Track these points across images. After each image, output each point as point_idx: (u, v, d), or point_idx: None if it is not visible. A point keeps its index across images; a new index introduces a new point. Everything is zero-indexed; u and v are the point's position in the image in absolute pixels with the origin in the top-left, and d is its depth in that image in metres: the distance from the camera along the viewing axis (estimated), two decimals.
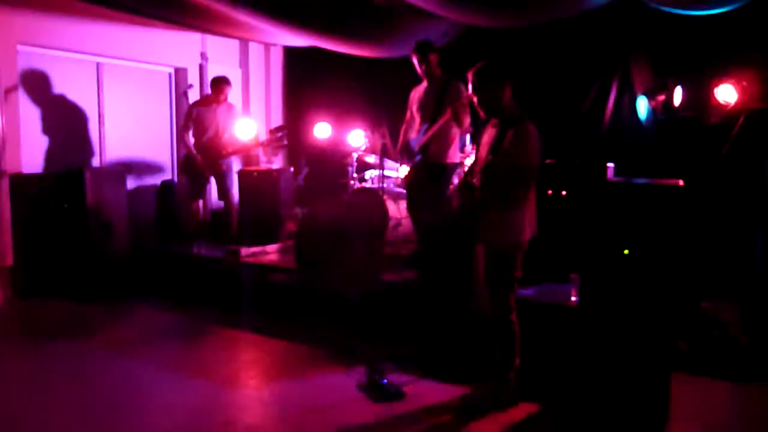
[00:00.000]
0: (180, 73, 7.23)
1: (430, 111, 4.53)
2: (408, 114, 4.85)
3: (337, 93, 7.16)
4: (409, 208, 4.89)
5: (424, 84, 4.68)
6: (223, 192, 6.32)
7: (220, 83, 6.09)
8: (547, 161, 4.70)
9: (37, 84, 6.03)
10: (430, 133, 4.51)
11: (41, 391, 3.59)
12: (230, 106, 6.25)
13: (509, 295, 3.28)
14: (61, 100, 6.27)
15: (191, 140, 6.13)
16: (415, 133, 4.72)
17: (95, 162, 6.58)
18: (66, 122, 6.30)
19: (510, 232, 3.19)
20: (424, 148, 4.56)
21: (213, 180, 6.33)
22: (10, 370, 3.97)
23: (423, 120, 4.62)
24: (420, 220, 4.77)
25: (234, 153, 6.19)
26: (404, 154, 4.83)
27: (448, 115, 4.34)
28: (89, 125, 6.51)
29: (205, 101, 6.23)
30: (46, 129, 6.14)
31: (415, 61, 4.60)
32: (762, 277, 4.10)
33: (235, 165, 6.65)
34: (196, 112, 6.14)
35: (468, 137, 5.21)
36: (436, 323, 4.06)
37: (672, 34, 4.94)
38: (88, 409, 3.34)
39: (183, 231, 6.28)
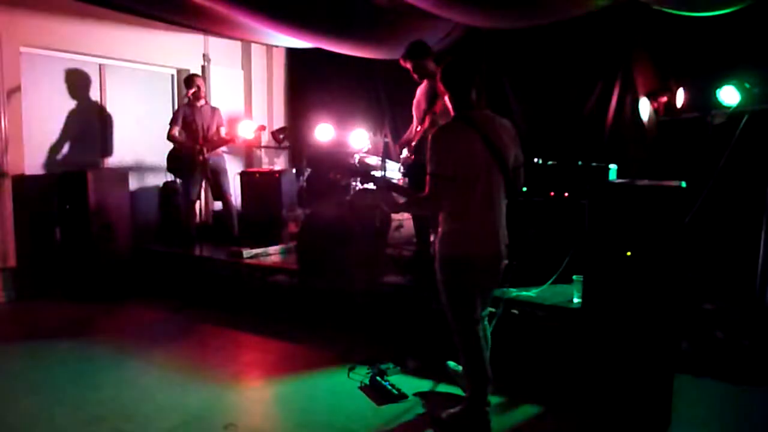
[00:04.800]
0: (182, 74, 7.23)
1: (422, 111, 4.50)
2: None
3: (339, 94, 7.17)
4: None
5: (424, 83, 4.65)
6: (218, 192, 6.32)
7: (189, 80, 6.18)
8: (550, 163, 4.71)
9: (40, 85, 6.04)
10: (419, 132, 4.48)
11: (42, 392, 3.59)
12: (215, 108, 6.29)
13: (459, 310, 3.04)
14: (64, 101, 6.28)
15: (181, 141, 6.17)
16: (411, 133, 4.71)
17: (98, 163, 6.59)
18: (69, 123, 6.31)
19: (440, 239, 3.04)
20: (415, 148, 4.52)
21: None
22: (11, 371, 3.98)
23: (417, 120, 4.61)
24: (417, 222, 4.77)
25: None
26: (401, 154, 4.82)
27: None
28: (92, 126, 6.52)
29: (189, 102, 6.24)
30: (49, 130, 6.15)
31: (408, 67, 4.55)
32: (765, 279, 4.09)
33: (232, 165, 6.66)
34: (183, 114, 6.17)
35: None
36: (433, 325, 4.05)
37: (674, 35, 4.94)
38: (89, 411, 3.34)
39: (185, 232, 6.28)
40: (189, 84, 6.16)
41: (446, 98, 3.14)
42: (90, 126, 6.50)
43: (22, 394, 3.59)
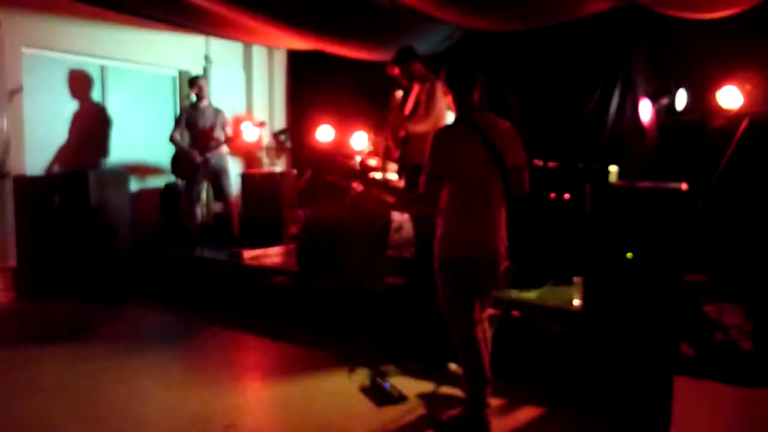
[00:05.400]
0: (184, 76, 7.24)
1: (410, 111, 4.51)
2: None
3: (340, 96, 7.18)
4: None
5: (416, 87, 4.61)
6: (219, 193, 6.33)
7: (193, 82, 6.25)
8: (550, 164, 4.71)
9: (41, 86, 6.05)
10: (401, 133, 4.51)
11: (42, 393, 3.59)
12: (218, 110, 6.31)
13: (458, 312, 3.02)
14: (66, 102, 6.29)
15: (185, 142, 6.18)
16: None
17: (99, 164, 6.59)
18: (70, 124, 6.31)
19: (438, 241, 3.03)
20: (401, 146, 4.53)
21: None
22: (11, 372, 3.98)
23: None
24: (416, 223, 4.77)
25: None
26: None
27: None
28: (93, 127, 6.53)
29: (193, 104, 6.27)
30: (51, 131, 6.16)
31: (395, 73, 4.53)
32: (766, 281, 4.09)
33: (233, 167, 6.67)
34: (187, 115, 6.20)
35: None
36: (434, 326, 4.05)
37: (675, 37, 4.94)
38: (90, 412, 3.34)
39: (186, 233, 6.29)
40: (191, 86, 6.21)
41: (449, 98, 3.16)
42: (91, 127, 6.50)
43: (23, 394, 3.59)
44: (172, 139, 6.18)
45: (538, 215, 4.49)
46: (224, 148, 6.32)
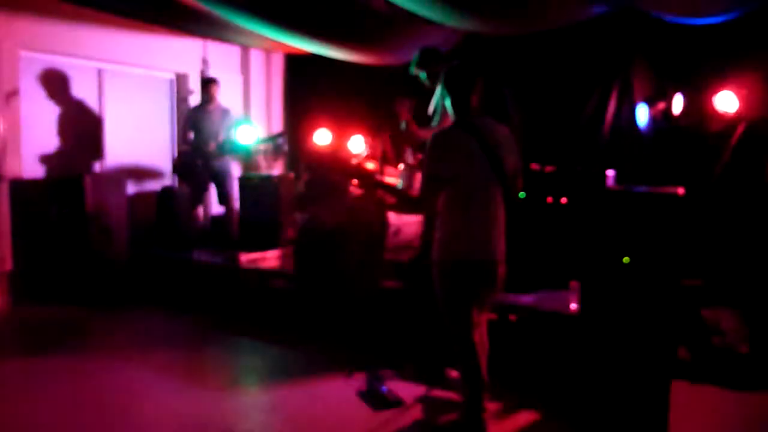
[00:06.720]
0: (181, 79, 7.24)
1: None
2: None
3: (337, 99, 7.18)
4: None
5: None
6: (224, 197, 6.33)
7: (207, 84, 6.25)
8: (547, 168, 4.71)
9: (38, 89, 6.04)
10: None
11: (40, 398, 3.58)
12: (226, 110, 6.30)
13: (455, 316, 3.00)
14: (63, 105, 6.28)
15: (190, 145, 6.18)
16: None
17: (96, 167, 6.58)
18: (67, 127, 6.31)
19: (436, 244, 3.05)
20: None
21: (213, 185, 6.37)
22: (8, 377, 3.96)
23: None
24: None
25: None
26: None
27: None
28: (90, 131, 6.52)
29: (200, 106, 6.28)
30: (47, 134, 6.15)
31: (421, 77, 4.54)
32: (763, 285, 4.09)
33: (235, 170, 6.67)
34: (193, 117, 6.20)
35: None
36: (432, 331, 4.05)
37: (672, 43, 4.96)
38: (88, 416, 3.33)
39: (183, 237, 6.28)
40: (205, 87, 6.24)
41: (449, 101, 3.15)
42: (88, 130, 6.50)
43: (20, 399, 3.57)
44: (181, 144, 6.19)
45: (536, 219, 4.49)
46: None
